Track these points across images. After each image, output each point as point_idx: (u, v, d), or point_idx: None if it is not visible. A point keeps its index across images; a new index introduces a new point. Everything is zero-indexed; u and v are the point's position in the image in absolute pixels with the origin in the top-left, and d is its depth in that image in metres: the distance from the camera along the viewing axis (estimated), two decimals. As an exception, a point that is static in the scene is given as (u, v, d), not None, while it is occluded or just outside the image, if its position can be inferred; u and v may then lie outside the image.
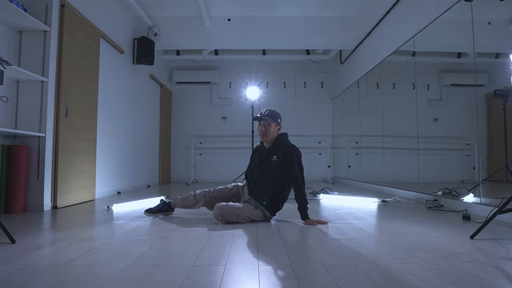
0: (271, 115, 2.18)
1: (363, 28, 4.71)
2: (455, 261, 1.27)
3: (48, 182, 2.71)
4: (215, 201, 2.26)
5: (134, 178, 4.67)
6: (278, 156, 2.15)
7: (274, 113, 2.20)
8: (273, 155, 2.17)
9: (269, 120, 2.15)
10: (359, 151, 5.14)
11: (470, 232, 1.70)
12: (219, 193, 2.29)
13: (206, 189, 2.33)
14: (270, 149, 2.20)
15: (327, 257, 1.34)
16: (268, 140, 2.20)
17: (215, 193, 2.28)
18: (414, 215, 2.38)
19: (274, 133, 2.19)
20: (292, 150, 2.14)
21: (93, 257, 1.34)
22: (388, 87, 4.10)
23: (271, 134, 2.18)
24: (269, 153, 2.19)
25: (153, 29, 4.89)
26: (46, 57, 2.71)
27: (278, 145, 2.18)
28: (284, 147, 2.17)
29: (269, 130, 2.16)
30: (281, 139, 2.21)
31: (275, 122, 2.17)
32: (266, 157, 2.20)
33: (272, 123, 2.16)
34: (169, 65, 6.57)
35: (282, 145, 2.18)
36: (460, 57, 2.90)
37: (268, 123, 2.16)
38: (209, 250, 1.45)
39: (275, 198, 2.17)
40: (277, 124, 2.19)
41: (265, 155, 2.21)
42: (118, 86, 4.14)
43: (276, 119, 2.18)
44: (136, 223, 2.09)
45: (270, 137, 2.18)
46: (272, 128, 2.17)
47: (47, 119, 2.69)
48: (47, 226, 2.02)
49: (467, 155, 2.81)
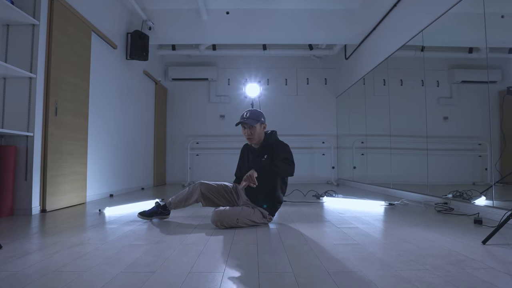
0: (253, 117, 2.22)
1: (369, 22, 4.71)
2: (466, 267, 1.27)
3: (37, 184, 2.70)
4: (211, 194, 2.28)
5: (127, 180, 4.67)
6: (269, 155, 2.21)
7: (256, 114, 2.25)
8: (264, 154, 2.23)
9: (252, 122, 2.20)
10: (364, 151, 5.14)
11: (482, 237, 1.70)
12: (217, 187, 2.31)
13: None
14: (260, 149, 2.27)
15: (331, 263, 1.34)
16: (256, 142, 2.26)
17: (212, 186, 2.30)
18: (423, 219, 2.38)
19: (261, 134, 2.26)
20: (281, 146, 2.20)
21: (84, 264, 1.34)
22: (395, 84, 4.10)
23: (258, 136, 2.24)
24: (260, 153, 2.25)
25: (147, 22, 4.89)
26: (34, 52, 2.70)
27: (268, 144, 2.25)
28: (273, 146, 2.23)
29: (255, 132, 2.22)
30: (270, 138, 2.28)
31: (258, 122, 2.23)
32: (256, 158, 2.26)
33: (255, 124, 2.21)
34: (164, 61, 6.57)
35: (272, 144, 2.24)
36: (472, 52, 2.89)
37: (252, 125, 2.21)
38: (207, 256, 1.45)
39: (270, 197, 2.20)
40: (261, 124, 2.25)
41: (255, 156, 2.28)
42: (111, 83, 4.14)
43: (259, 118, 2.24)
44: (129, 228, 2.09)
45: (257, 139, 2.25)
46: (258, 130, 2.23)
47: (36, 117, 2.69)
48: (36, 231, 2.02)
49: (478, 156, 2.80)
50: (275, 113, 6.27)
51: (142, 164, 5.30)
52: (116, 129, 4.31)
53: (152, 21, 4.96)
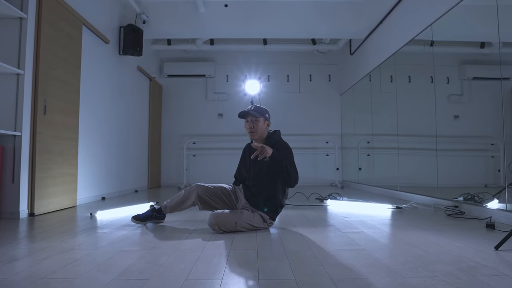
0: (258, 110, 2.25)
1: (375, 15, 4.71)
2: (478, 274, 1.27)
3: (25, 186, 2.70)
4: (208, 196, 2.26)
5: (120, 182, 4.68)
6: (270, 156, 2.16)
7: (261, 108, 2.27)
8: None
9: (256, 114, 2.21)
10: (370, 152, 5.15)
11: (495, 242, 1.70)
12: (215, 189, 2.29)
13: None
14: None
15: (335, 270, 1.34)
16: (258, 138, 2.25)
17: (209, 188, 2.28)
18: (432, 223, 2.38)
19: (263, 130, 2.25)
20: (285, 149, 2.20)
21: (74, 270, 1.34)
22: (403, 80, 4.10)
23: (260, 131, 2.24)
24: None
25: (141, 16, 4.89)
26: (22, 47, 2.70)
27: (270, 144, 2.21)
28: (275, 146, 2.20)
29: (258, 125, 2.22)
30: (274, 137, 2.27)
31: (262, 116, 2.23)
32: (257, 157, 2.21)
33: (259, 117, 2.22)
34: (159, 56, 6.57)
35: (274, 144, 2.21)
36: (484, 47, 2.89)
37: (255, 118, 2.21)
38: (204, 262, 1.45)
39: (271, 201, 2.19)
40: (265, 120, 2.25)
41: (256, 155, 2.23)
42: (103, 80, 4.15)
43: (263, 114, 2.25)
44: (122, 232, 2.09)
45: (259, 133, 2.24)
46: (261, 124, 2.23)
47: (23, 116, 2.69)
48: (23, 236, 2.01)
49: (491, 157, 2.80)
50: (276, 111, 6.22)
51: (136, 165, 5.30)
52: (109, 128, 4.31)
53: (147, 14, 4.96)
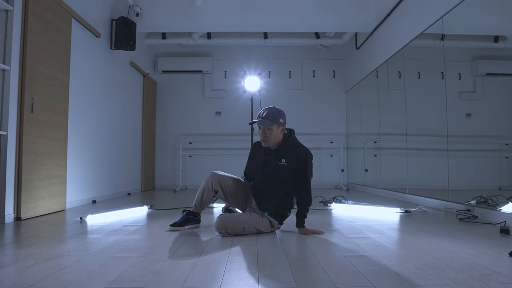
0: (270, 117, 2.13)
1: (382, 7, 4.71)
2: (492, 282, 1.27)
3: (10, 189, 2.70)
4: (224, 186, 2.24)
5: (112, 185, 4.67)
6: (288, 160, 2.17)
7: (273, 113, 2.16)
8: (281, 158, 2.19)
9: (268, 124, 2.12)
10: (377, 152, 5.15)
11: (510, 248, 1.70)
12: (233, 181, 2.27)
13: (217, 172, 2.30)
14: (278, 151, 2.21)
15: (340, 277, 1.34)
16: (272, 145, 2.21)
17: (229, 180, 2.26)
18: (443, 228, 2.38)
19: (278, 136, 2.18)
20: (305, 154, 2.18)
21: (63, 278, 1.33)
22: (412, 76, 4.10)
23: (274, 139, 2.17)
24: (277, 156, 2.21)
25: (134, 8, 4.88)
26: (8, 41, 2.70)
27: (288, 147, 2.20)
28: (294, 149, 2.19)
29: (271, 134, 2.15)
30: (290, 139, 2.22)
31: (275, 124, 2.13)
32: (272, 160, 2.21)
33: (272, 126, 2.13)
34: (153, 51, 6.57)
35: (292, 147, 2.20)
36: (498, 41, 2.90)
37: (268, 128, 2.14)
38: (201, 269, 1.45)
39: (281, 206, 2.21)
40: (279, 125, 2.16)
41: (270, 157, 2.23)
42: (94, 76, 4.14)
43: (277, 120, 2.14)
44: (114, 238, 2.08)
45: (273, 141, 2.18)
46: (274, 132, 2.15)
47: (9, 114, 2.68)
48: (9, 241, 2.01)
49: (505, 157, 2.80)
50: (278, 109, 6.26)
51: (129, 166, 5.30)
52: (100, 127, 4.30)
53: (140, 7, 4.95)
